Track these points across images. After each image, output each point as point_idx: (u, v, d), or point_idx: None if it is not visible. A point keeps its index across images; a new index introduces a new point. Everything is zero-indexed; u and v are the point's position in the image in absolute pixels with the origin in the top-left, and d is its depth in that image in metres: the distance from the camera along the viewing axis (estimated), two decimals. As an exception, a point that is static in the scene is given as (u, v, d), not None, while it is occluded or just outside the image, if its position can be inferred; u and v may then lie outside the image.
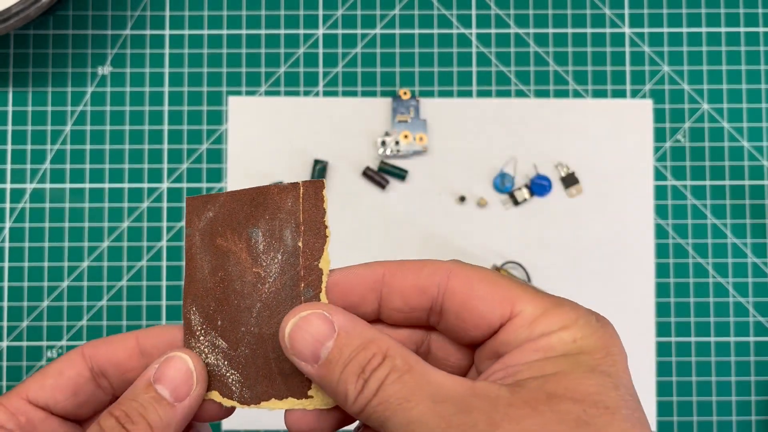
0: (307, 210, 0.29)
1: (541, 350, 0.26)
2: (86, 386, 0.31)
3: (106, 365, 0.31)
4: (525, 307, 0.27)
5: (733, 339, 0.56)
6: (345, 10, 0.57)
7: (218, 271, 0.29)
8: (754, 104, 0.57)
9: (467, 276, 0.28)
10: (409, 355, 0.26)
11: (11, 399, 0.30)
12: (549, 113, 0.57)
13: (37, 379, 0.31)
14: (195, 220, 0.30)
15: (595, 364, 0.26)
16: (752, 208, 0.57)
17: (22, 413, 0.30)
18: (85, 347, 0.31)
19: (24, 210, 0.56)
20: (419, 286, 0.28)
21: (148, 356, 0.31)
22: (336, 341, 0.26)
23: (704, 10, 0.58)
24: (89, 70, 0.57)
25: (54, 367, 0.31)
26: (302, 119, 0.57)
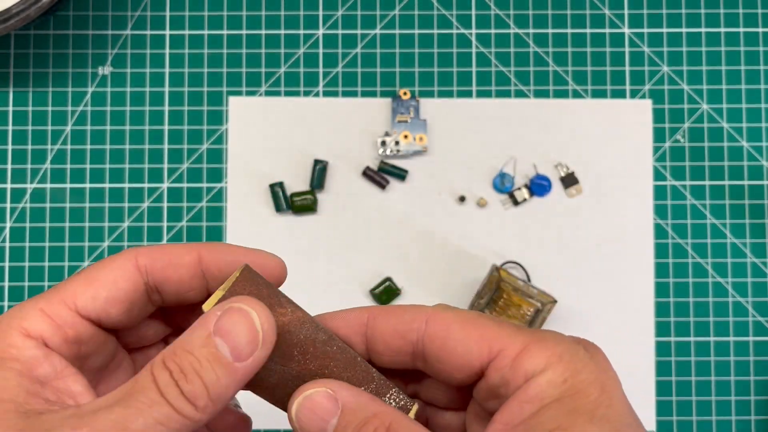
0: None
1: (534, 400, 0.26)
2: (139, 301, 0.28)
3: (164, 282, 0.28)
4: (504, 345, 0.27)
5: (732, 339, 0.56)
6: (345, 10, 0.57)
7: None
8: (753, 104, 0.57)
9: (444, 320, 0.28)
10: (411, 427, 0.26)
11: (56, 307, 0.27)
12: (548, 113, 0.57)
13: (88, 287, 0.27)
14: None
15: (592, 407, 0.25)
16: (751, 208, 0.57)
17: (71, 326, 0.27)
18: (139, 256, 0.28)
19: (24, 210, 0.56)
20: (399, 331, 0.28)
21: (211, 278, 0.29)
22: (340, 418, 0.26)
23: (704, 11, 0.58)
24: (90, 71, 0.57)
25: (107, 276, 0.28)
26: (302, 119, 0.57)
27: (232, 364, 0.25)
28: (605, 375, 0.26)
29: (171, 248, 0.28)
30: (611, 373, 0.26)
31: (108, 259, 0.28)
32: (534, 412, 0.25)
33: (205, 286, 0.29)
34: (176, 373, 0.25)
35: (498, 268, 0.53)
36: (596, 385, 0.25)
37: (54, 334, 0.27)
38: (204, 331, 0.25)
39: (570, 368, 0.26)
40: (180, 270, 0.28)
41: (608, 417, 0.25)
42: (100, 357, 0.29)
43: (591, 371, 0.26)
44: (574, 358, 0.26)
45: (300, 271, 0.56)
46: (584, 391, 0.25)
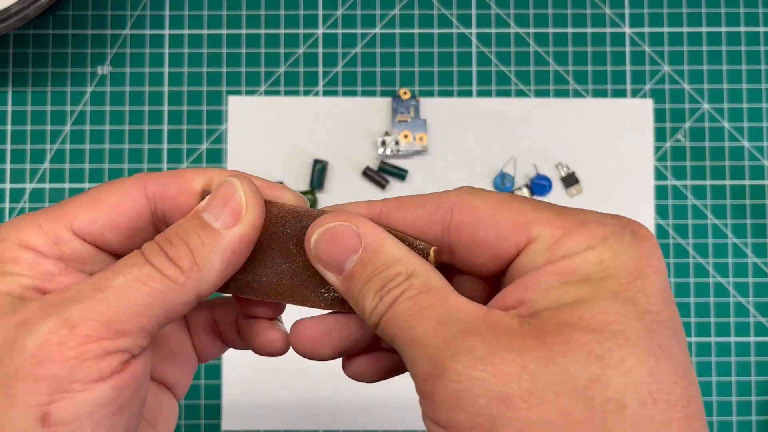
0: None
1: (559, 274, 0.23)
2: (143, 228, 0.27)
3: (174, 211, 0.27)
4: (543, 230, 0.24)
5: (733, 339, 0.56)
6: (345, 9, 0.57)
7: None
8: (754, 104, 0.57)
9: (472, 207, 0.25)
10: (433, 277, 0.24)
11: (53, 223, 0.26)
12: (549, 113, 0.57)
13: (88, 209, 0.27)
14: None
15: (621, 289, 0.23)
16: (753, 208, 0.57)
17: (65, 243, 0.26)
18: (148, 181, 0.27)
19: (23, 210, 0.56)
20: (419, 225, 0.26)
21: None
22: (360, 256, 0.25)
23: (705, 10, 0.58)
24: (89, 70, 0.57)
25: (109, 198, 0.27)
26: (302, 119, 0.57)
27: (217, 231, 0.25)
28: (646, 260, 0.24)
29: (183, 173, 0.27)
30: (654, 261, 0.24)
31: (116, 182, 0.27)
32: (556, 284, 0.23)
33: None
34: (162, 241, 0.25)
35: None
36: (633, 270, 0.23)
37: (48, 249, 0.26)
38: (193, 211, 0.26)
39: (610, 251, 0.23)
40: (191, 198, 0.27)
41: (635, 300, 0.23)
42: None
43: (631, 256, 0.23)
44: (616, 242, 0.24)
45: (300, 272, 0.56)
46: (617, 275, 0.23)
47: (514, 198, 0.26)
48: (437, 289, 0.24)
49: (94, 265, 0.27)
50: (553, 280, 0.23)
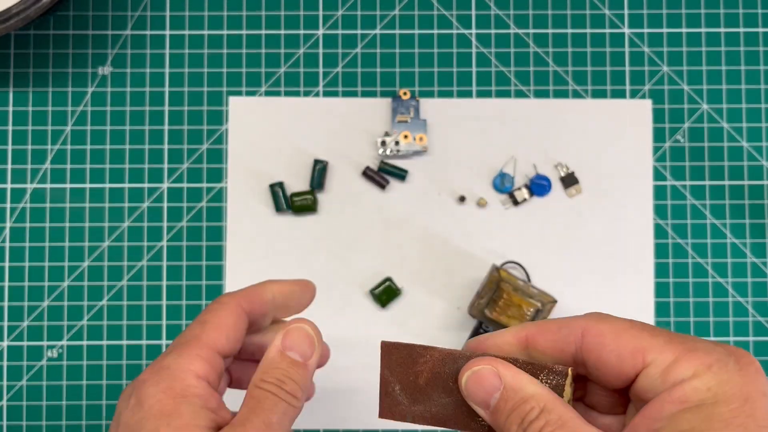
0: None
1: (676, 401, 0.27)
2: (244, 333, 0.38)
3: (256, 318, 0.39)
4: (656, 356, 0.28)
5: (732, 339, 0.56)
6: (345, 10, 0.58)
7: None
8: (753, 104, 0.57)
9: (599, 332, 0.30)
10: (565, 411, 0.29)
11: (207, 352, 0.35)
12: (548, 113, 0.57)
13: (221, 334, 0.36)
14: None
15: (731, 416, 0.26)
16: (751, 208, 0.57)
17: (218, 363, 0.36)
18: (241, 300, 0.38)
19: (25, 210, 0.56)
20: (559, 348, 0.31)
21: (276, 308, 0.40)
22: (502, 394, 0.30)
23: (703, 11, 0.58)
24: (90, 71, 0.57)
25: (227, 320, 0.37)
26: (302, 119, 0.57)
27: (305, 364, 0.36)
28: (752, 386, 0.27)
29: (257, 290, 0.39)
30: (759, 385, 0.27)
31: (218, 306, 0.37)
32: (673, 413, 0.27)
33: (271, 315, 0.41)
34: (276, 384, 0.34)
35: (498, 268, 0.53)
36: (740, 395, 0.27)
37: (211, 372, 0.35)
38: (277, 350, 0.36)
39: (716, 378, 0.27)
40: (264, 306, 0.39)
41: (746, 426, 0.26)
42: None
43: (736, 383, 0.27)
44: (722, 368, 0.27)
45: (300, 272, 0.56)
46: (726, 401, 0.27)
47: (634, 325, 0.30)
48: (571, 423, 0.29)
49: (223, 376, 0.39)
50: (673, 408, 0.27)
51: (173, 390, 0.33)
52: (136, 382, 0.34)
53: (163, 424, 0.32)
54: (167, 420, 0.32)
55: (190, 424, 0.32)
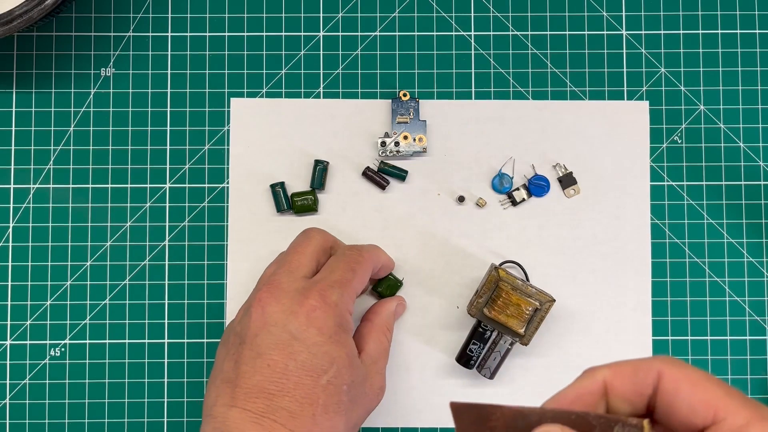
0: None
1: None
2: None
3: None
4: (728, 416, 0.29)
5: (729, 338, 0.56)
6: (345, 12, 0.58)
7: None
8: (750, 105, 0.57)
9: (675, 378, 0.30)
10: None
11: (354, 295, 0.47)
12: (547, 114, 0.57)
13: (361, 283, 0.49)
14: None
15: None
16: (748, 208, 0.57)
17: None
18: (373, 260, 0.52)
19: (28, 210, 0.56)
20: (637, 391, 0.31)
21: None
22: None
23: (701, 13, 0.58)
24: (92, 72, 0.57)
25: (365, 274, 0.50)
26: (303, 120, 0.57)
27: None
28: None
29: (378, 254, 0.54)
30: None
31: (361, 260, 0.51)
32: None
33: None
34: (390, 333, 0.51)
35: (497, 267, 0.53)
36: None
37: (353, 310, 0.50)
38: (392, 313, 0.54)
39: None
40: (377, 267, 0.54)
41: None
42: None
43: None
44: None
45: (301, 271, 0.56)
46: None
47: (710, 378, 0.30)
48: None
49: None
50: None
51: (341, 325, 0.46)
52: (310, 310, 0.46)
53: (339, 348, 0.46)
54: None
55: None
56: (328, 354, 0.45)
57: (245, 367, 0.44)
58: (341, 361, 0.45)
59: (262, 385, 0.44)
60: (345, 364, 0.45)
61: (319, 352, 0.45)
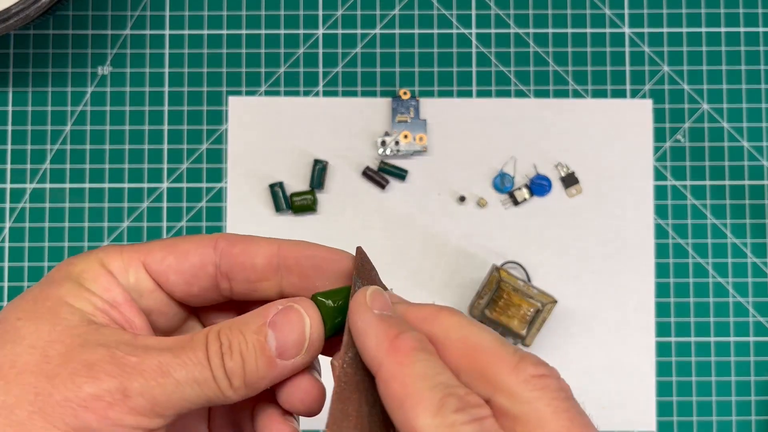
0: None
1: None
2: (204, 281, 0.30)
3: (237, 268, 0.30)
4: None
5: (732, 339, 0.56)
6: (345, 10, 0.58)
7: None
8: (753, 104, 0.57)
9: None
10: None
11: (131, 254, 0.29)
12: (549, 113, 0.57)
13: (162, 249, 0.30)
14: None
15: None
16: (752, 208, 0.57)
17: (135, 274, 0.29)
18: (219, 239, 0.30)
19: (24, 210, 0.56)
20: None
21: (286, 271, 0.30)
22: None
23: (704, 10, 0.58)
24: (89, 70, 0.57)
25: (182, 245, 0.30)
26: (302, 119, 0.57)
27: (273, 359, 0.27)
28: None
29: (251, 237, 0.30)
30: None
31: (195, 235, 0.31)
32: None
33: (279, 281, 0.30)
34: (225, 346, 0.27)
35: (498, 268, 0.53)
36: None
37: (124, 274, 0.29)
38: (261, 319, 0.27)
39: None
40: (255, 257, 0.30)
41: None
42: (162, 318, 0.31)
43: None
44: None
45: (300, 272, 0.56)
46: None
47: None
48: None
49: (149, 300, 0.30)
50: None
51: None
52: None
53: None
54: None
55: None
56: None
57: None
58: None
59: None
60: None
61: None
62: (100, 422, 0.25)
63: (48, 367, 0.26)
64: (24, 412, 0.25)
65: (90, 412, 0.25)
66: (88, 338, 0.26)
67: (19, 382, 0.25)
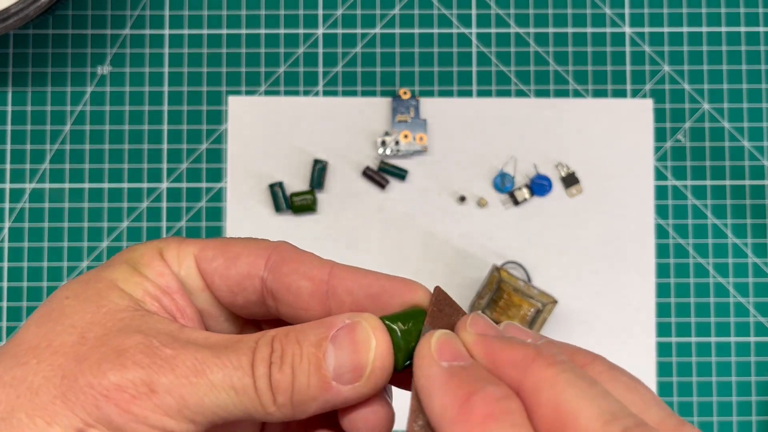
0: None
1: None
2: (250, 294, 0.27)
3: (282, 290, 0.26)
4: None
5: (733, 339, 0.56)
6: (345, 9, 0.57)
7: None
8: (754, 104, 0.57)
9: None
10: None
11: (187, 246, 0.27)
12: (549, 113, 0.57)
13: (215, 247, 0.27)
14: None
15: None
16: (753, 208, 0.57)
17: (186, 267, 0.27)
18: (276, 250, 0.26)
19: (23, 210, 0.56)
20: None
21: (335, 302, 0.26)
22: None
23: (705, 10, 0.57)
24: (89, 70, 0.57)
25: (234, 248, 0.27)
26: (302, 119, 0.57)
27: (329, 380, 0.23)
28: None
29: (306, 255, 0.26)
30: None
31: (252, 240, 0.27)
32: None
33: (327, 311, 0.26)
34: (276, 355, 0.23)
35: (498, 268, 0.53)
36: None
37: (177, 265, 0.27)
38: (324, 332, 0.24)
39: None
40: (302, 281, 0.26)
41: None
42: (213, 322, 0.28)
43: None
44: None
45: (300, 272, 0.56)
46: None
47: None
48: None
49: (199, 300, 0.27)
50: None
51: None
52: None
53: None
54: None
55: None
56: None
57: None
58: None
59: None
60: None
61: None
62: (122, 416, 0.23)
63: (82, 349, 0.23)
64: (48, 395, 0.23)
65: (111, 403, 0.23)
66: (130, 323, 0.24)
67: (50, 363, 0.23)
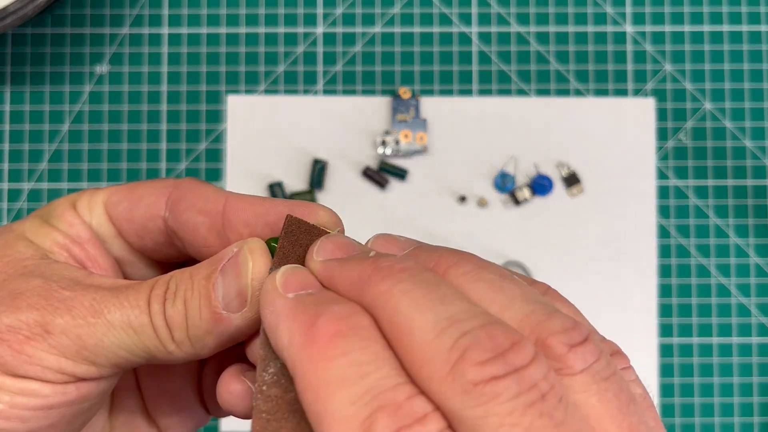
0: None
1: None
2: (155, 235, 0.26)
3: (181, 228, 0.25)
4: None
5: (735, 340, 0.56)
6: (345, 8, 0.57)
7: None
8: (756, 103, 0.57)
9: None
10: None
11: (97, 195, 0.27)
12: (550, 112, 0.57)
13: (121, 193, 0.27)
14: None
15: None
16: (755, 208, 0.56)
17: (96, 216, 0.27)
18: (177, 186, 0.26)
19: (22, 210, 0.56)
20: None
21: (233, 234, 0.25)
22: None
23: (706, 9, 0.57)
24: (87, 69, 0.57)
25: (139, 189, 0.26)
26: (302, 118, 0.57)
27: (218, 310, 0.23)
28: None
29: (204, 187, 0.26)
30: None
31: (156, 180, 0.27)
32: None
33: (227, 245, 0.25)
34: (170, 291, 0.23)
35: (499, 268, 0.52)
36: None
37: (88, 214, 0.27)
38: (214, 263, 0.24)
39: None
40: (198, 217, 0.25)
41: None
42: (133, 269, 0.28)
43: None
44: None
45: (299, 272, 0.55)
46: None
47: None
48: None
49: (113, 247, 0.27)
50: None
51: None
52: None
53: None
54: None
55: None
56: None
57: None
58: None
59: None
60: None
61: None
62: (15, 357, 0.22)
63: None
64: None
65: (5, 344, 0.22)
66: (33, 270, 0.24)
67: None
